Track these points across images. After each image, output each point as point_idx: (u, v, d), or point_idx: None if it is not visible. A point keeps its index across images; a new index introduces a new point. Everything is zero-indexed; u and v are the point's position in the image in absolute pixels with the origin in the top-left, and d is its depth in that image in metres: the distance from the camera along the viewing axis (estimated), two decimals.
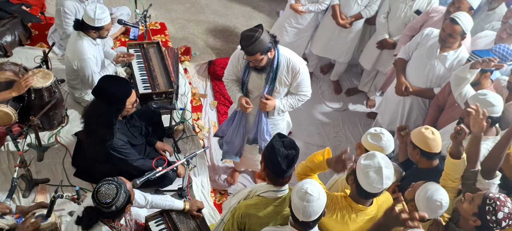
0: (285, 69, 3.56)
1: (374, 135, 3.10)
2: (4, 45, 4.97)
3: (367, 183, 2.60)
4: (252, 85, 3.70)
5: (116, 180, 2.70)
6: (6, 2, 5.65)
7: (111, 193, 2.63)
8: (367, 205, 2.77)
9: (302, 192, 2.46)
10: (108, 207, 2.63)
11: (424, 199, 2.80)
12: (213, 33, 6.61)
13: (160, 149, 4.19)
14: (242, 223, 2.86)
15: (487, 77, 3.69)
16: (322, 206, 2.50)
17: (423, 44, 4.14)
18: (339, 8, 5.09)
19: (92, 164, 3.90)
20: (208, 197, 4.23)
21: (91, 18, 4.08)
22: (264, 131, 3.85)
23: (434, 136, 3.14)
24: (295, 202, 2.48)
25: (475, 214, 2.68)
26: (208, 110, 5.30)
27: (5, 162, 4.07)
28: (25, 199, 3.84)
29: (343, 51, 5.51)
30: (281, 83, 3.62)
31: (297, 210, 2.49)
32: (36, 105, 4.07)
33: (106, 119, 3.47)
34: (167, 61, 4.79)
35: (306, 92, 3.75)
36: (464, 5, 4.11)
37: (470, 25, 3.84)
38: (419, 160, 3.24)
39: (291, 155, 2.70)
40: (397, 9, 4.83)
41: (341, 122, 5.62)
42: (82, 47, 4.19)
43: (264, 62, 3.42)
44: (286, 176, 2.78)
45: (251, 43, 3.26)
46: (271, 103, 3.67)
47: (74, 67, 4.28)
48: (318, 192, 2.48)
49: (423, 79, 4.16)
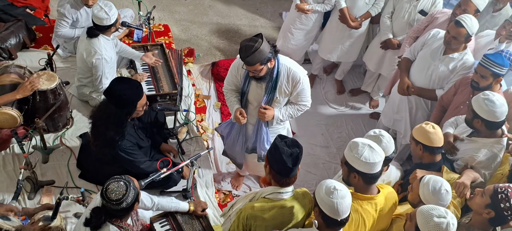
0: (286, 79, 3.52)
1: (374, 137, 3.11)
2: (9, 48, 4.99)
3: (367, 165, 2.68)
4: (252, 95, 3.67)
5: (124, 178, 2.72)
6: (11, 5, 5.67)
7: (121, 190, 2.64)
8: (374, 193, 2.83)
9: (331, 190, 2.49)
10: (118, 204, 2.63)
11: (431, 194, 2.81)
12: (216, 35, 6.62)
13: (164, 150, 4.21)
14: (248, 225, 2.87)
15: (498, 82, 3.67)
16: (350, 202, 2.55)
17: (428, 45, 4.14)
18: (348, 10, 5.09)
19: (98, 166, 3.92)
20: (212, 197, 4.25)
21: (101, 19, 4.12)
22: (264, 140, 3.82)
23: (435, 130, 3.19)
24: (327, 202, 2.49)
25: (488, 206, 2.72)
26: (211, 111, 5.31)
27: (10, 164, 4.10)
28: (30, 201, 3.86)
29: (351, 52, 5.51)
30: (281, 92, 3.58)
31: (332, 211, 2.49)
32: (41, 107, 4.09)
33: (116, 120, 3.49)
34: (171, 63, 4.81)
35: (306, 103, 3.71)
36: (470, 7, 4.09)
37: (475, 28, 3.82)
38: (422, 155, 3.28)
39: (295, 152, 2.72)
40: (402, 9, 4.83)
41: (345, 122, 5.62)
42: (100, 46, 4.24)
43: (263, 72, 3.38)
44: (292, 175, 2.79)
45: (250, 54, 3.22)
46: (270, 113, 3.62)
47: (89, 65, 4.31)
48: (344, 187, 2.55)
49: (426, 79, 4.16)
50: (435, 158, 3.28)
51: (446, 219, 2.46)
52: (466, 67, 3.94)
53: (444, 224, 2.44)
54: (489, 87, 3.62)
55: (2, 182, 3.97)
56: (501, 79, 3.66)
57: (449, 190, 2.82)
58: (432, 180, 2.85)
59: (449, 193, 2.82)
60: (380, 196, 2.87)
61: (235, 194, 4.53)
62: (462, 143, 3.50)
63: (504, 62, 3.54)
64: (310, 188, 3.81)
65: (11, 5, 5.69)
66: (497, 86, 3.70)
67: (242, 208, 2.92)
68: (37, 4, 6.05)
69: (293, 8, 5.28)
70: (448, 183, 2.87)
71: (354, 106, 5.84)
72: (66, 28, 4.88)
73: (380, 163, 2.72)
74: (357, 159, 2.70)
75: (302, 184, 4.52)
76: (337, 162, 5.07)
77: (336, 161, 5.09)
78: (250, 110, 3.77)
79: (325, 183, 2.56)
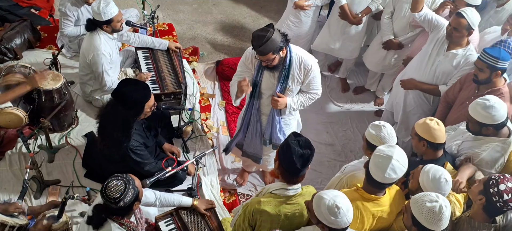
0: (298, 67, 3.58)
1: (375, 125, 3.16)
2: (14, 48, 5.01)
3: (378, 174, 2.68)
4: (266, 85, 3.71)
5: (125, 177, 2.72)
6: (16, 6, 5.70)
7: (119, 189, 2.65)
8: (380, 195, 2.82)
9: (334, 211, 2.43)
10: (116, 203, 2.64)
11: (430, 181, 2.83)
12: (220, 34, 6.62)
13: (167, 150, 4.21)
14: (253, 219, 2.88)
15: (499, 76, 3.64)
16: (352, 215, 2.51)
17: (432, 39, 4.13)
18: (348, 6, 5.08)
19: (103, 165, 3.93)
20: (218, 196, 4.25)
21: (97, 13, 4.14)
22: (277, 129, 3.88)
23: (439, 126, 3.19)
24: (330, 222, 2.45)
25: (480, 192, 2.76)
26: (216, 110, 5.31)
27: (16, 163, 4.12)
28: (36, 200, 3.88)
29: (353, 49, 5.50)
30: (294, 81, 3.64)
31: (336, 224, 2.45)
32: (46, 107, 4.11)
33: (124, 121, 3.50)
34: (175, 61, 4.81)
35: (317, 91, 3.79)
36: (461, 4, 4.15)
37: (476, 20, 3.83)
38: (425, 152, 3.27)
39: (306, 154, 2.71)
40: (401, 9, 4.79)
41: (350, 120, 5.61)
42: (99, 42, 4.24)
43: (276, 61, 3.44)
44: (300, 175, 2.79)
45: (263, 43, 3.28)
46: (283, 101, 3.69)
47: (87, 61, 4.32)
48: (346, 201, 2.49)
49: (430, 75, 4.17)
50: (437, 154, 3.27)
51: (438, 203, 2.49)
52: (469, 62, 3.93)
53: (437, 208, 2.48)
54: (489, 81, 3.62)
55: (9, 182, 3.99)
56: (500, 73, 3.61)
57: (449, 180, 2.83)
58: (433, 169, 2.87)
59: (449, 183, 2.83)
60: (385, 197, 2.86)
61: (240, 192, 4.53)
62: (467, 139, 3.48)
63: (500, 55, 3.52)
64: (315, 186, 3.80)
65: (16, 5, 5.71)
66: (499, 80, 3.67)
67: (249, 202, 2.93)
68: (42, 4, 6.07)
69: (290, 4, 5.28)
70: (449, 174, 2.87)
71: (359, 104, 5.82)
72: (71, 26, 4.92)
73: (392, 180, 2.72)
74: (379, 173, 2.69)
75: (307, 182, 4.48)
76: (342, 159, 5.07)
77: (341, 158, 5.09)
78: (263, 101, 3.82)
79: (325, 200, 2.47)
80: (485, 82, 3.62)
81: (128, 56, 5.04)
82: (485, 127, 3.27)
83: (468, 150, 3.43)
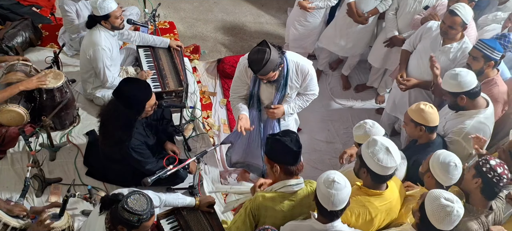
0: (295, 73, 3.59)
1: (358, 126, 3.26)
2: (15, 46, 5.01)
3: (379, 167, 2.69)
4: (264, 95, 3.73)
5: (147, 198, 2.70)
6: (17, 4, 5.70)
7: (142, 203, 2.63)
8: (383, 189, 2.84)
9: (329, 181, 2.52)
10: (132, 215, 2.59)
11: (439, 164, 2.88)
12: (221, 32, 6.62)
13: (168, 149, 4.21)
14: (258, 215, 2.88)
15: (491, 66, 3.67)
16: (349, 194, 2.56)
17: (426, 38, 4.18)
18: (355, 5, 5.07)
19: (105, 163, 3.93)
20: (219, 194, 4.25)
21: (95, 7, 4.15)
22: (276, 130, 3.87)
23: (433, 110, 3.31)
24: (323, 192, 2.52)
25: (474, 176, 2.83)
26: (217, 108, 5.32)
27: (18, 162, 4.12)
28: (38, 198, 3.88)
29: (357, 47, 5.50)
30: (292, 88, 3.65)
31: (325, 200, 2.52)
32: (47, 105, 4.11)
33: (125, 120, 3.50)
34: (176, 60, 4.81)
35: (314, 91, 3.80)
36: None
37: (470, 15, 3.86)
38: (422, 135, 3.38)
39: (293, 137, 2.79)
40: (406, 5, 4.80)
41: (351, 118, 5.60)
42: (99, 37, 4.25)
43: (276, 76, 3.44)
44: (299, 161, 2.83)
45: (262, 66, 3.25)
46: (279, 111, 3.73)
47: (87, 57, 4.32)
48: (344, 180, 2.55)
49: (427, 71, 4.16)
50: (432, 136, 3.40)
51: (454, 204, 2.47)
52: (466, 55, 3.94)
53: (449, 207, 2.46)
54: (482, 72, 3.68)
55: (10, 180, 3.99)
56: (492, 64, 3.65)
57: (459, 166, 2.87)
58: (445, 153, 2.93)
59: (458, 168, 2.86)
60: (388, 191, 2.87)
61: None
62: (450, 118, 3.60)
63: (496, 47, 3.60)
64: None
65: (17, 4, 5.71)
66: (491, 71, 3.72)
67: (251, 198, 2.93)
68: (43, 2, 6.07)
69: (297, 4, 5.28)
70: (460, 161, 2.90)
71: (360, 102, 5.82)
72: (75, 20, 4.93)
73: (393, 168, 2.74)
74: (371, 158, 2.71)
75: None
76: None
77: None
78: (263, 108, 3.84)
79: (327, 173, 2.59)
80: (478, 73, 3.64)
81: (129, 54, 5.04)
82: (459, 96, 3.41)
83: (452, 128, 3.53)
